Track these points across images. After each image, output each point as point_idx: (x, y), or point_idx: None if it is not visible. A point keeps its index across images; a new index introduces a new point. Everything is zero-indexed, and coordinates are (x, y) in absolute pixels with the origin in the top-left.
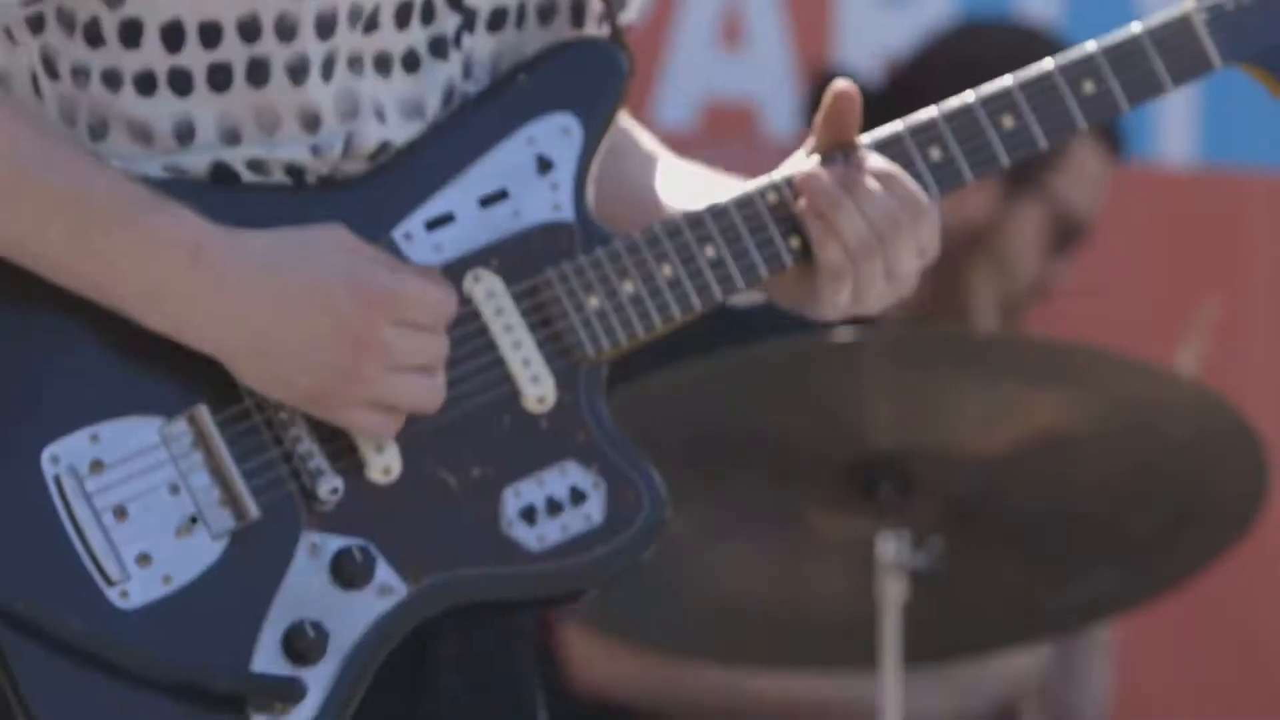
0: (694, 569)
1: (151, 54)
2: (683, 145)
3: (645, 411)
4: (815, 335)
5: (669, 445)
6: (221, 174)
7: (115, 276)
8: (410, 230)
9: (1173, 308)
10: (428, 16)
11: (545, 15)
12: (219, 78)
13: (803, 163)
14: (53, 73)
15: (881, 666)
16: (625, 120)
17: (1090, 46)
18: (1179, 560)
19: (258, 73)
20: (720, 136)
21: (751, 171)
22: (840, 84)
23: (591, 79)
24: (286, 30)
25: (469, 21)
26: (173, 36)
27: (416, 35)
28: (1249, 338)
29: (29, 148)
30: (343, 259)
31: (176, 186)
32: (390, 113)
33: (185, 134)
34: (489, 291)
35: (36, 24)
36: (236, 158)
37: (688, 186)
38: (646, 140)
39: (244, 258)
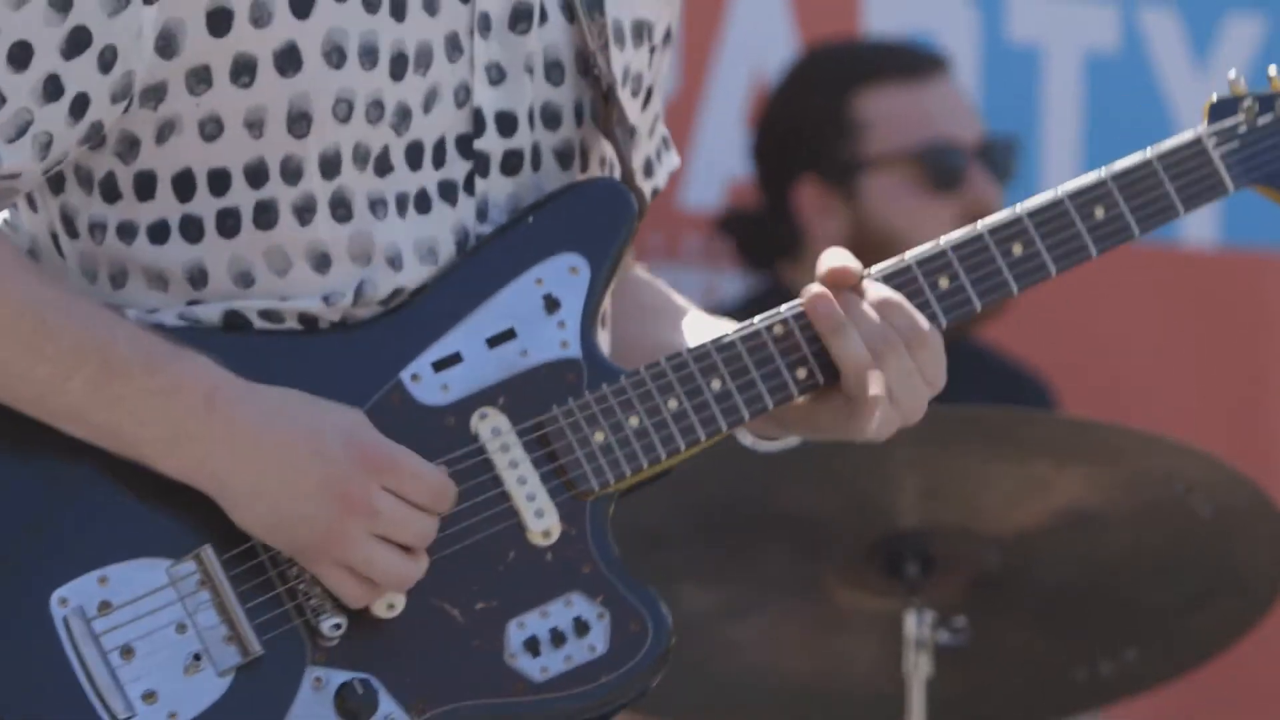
0: (721, 644)
1: (164, 204)
2: (709, 226)
3: (673, 489)
4: None
5: (696, 523)
6: (234, 322)
7: (135, 423)
8: (418, 371)
9: (1195, 386)
10: (438, 160)
11: (563, 158)
12: (228, 223)
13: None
14: (72, 231)
15: None
16: (648, 275)
17: (1101, 173)
18: (1204, 637)
19: (265, 215)
20: None
21: None
22: (837, 263)
23: (599, 218)
24: (291, 172)
25: (481, 167)
26: (184, 186)
27: (428, 178)
28: (1272, 415)
29: (51, 303)
30: (351, 422)
31: (190, 334)
32: (407, 257)
33: (198, 279)
34: (495, 429)
35: (56, 184)
36: (249, 307)
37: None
38: (674, 296)
39: (256, 405)
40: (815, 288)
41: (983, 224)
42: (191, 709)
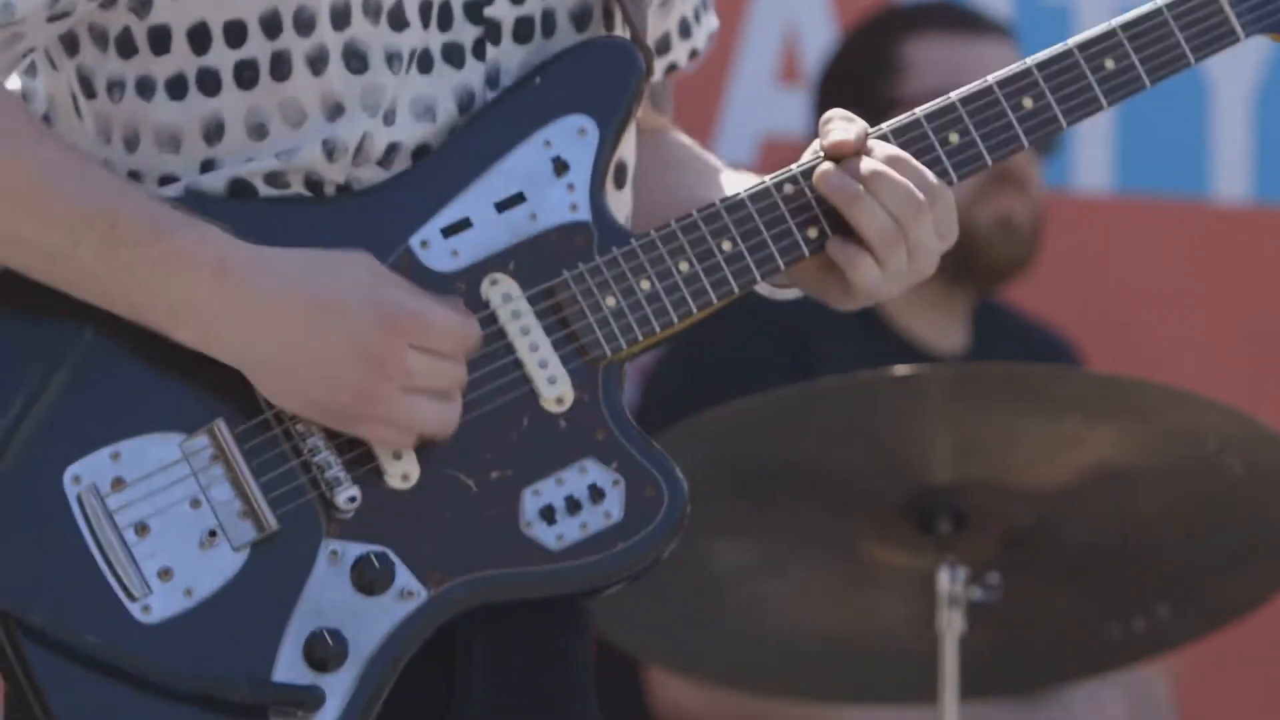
0: (753, 600)
1: (180, 57)
2: None
3: (705, 445)
4: (875, 370)
5: (729, 479)
6: (239, 191)
7: (143, 292)
8: (427, 237)
9: (1226, 343)
10: (444, 22)
11: (579, 21)
12: (245, 74)
13: (818, 152)
14: (89, 91)
15: (940, 699)
16: (684, 137)
17: (1111, 23)
18: (1236, 595)
19: (280, 66)
20: None
21: None
22: (836, 137)
23: (606, 78)
24: (304, 23)
25: (492, 33)
26: (199, 39)
27: (433, 38)
28: None
29: (61, 169)
30: (368, 280)
31: (196, 203)
32: (401, 113)
33: (214, 134)
34: (505, 295)
35: (72, 45)
36: (255, 171)
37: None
38: (706, 156)
39: (270, 273)
40: (824, 165)
41: (992, 77)
42: (207, 585)
